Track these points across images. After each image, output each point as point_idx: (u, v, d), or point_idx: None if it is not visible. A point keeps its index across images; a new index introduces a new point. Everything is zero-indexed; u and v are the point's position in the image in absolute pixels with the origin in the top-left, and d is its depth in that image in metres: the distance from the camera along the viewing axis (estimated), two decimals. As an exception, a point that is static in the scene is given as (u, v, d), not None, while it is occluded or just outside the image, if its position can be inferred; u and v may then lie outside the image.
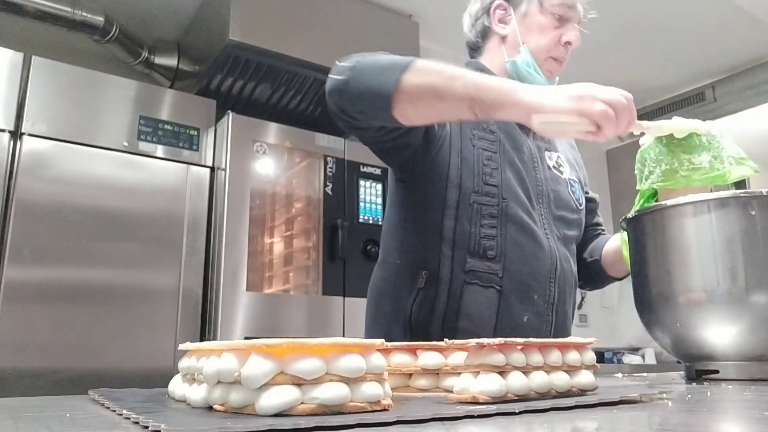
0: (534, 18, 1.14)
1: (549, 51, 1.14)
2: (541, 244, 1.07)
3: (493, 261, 1.03)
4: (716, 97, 3.88)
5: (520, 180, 1.08)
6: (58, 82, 2.17)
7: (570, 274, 1.13)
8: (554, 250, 1.09)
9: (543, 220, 1.10)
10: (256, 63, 2.57)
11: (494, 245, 1.03)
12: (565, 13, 1.14)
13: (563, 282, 1.10)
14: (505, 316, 1.02)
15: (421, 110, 0.89)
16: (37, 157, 2.06)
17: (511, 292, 1.03)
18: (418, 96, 0.87)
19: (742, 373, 0.82)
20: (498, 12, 1.19)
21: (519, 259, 1.04)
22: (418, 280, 1.04)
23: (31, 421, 0.47)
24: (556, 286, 1.08)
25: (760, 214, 0.82)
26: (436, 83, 0.86)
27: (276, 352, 0.44)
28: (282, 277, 2.59)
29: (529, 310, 1.04)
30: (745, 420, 0.47)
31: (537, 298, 1.05)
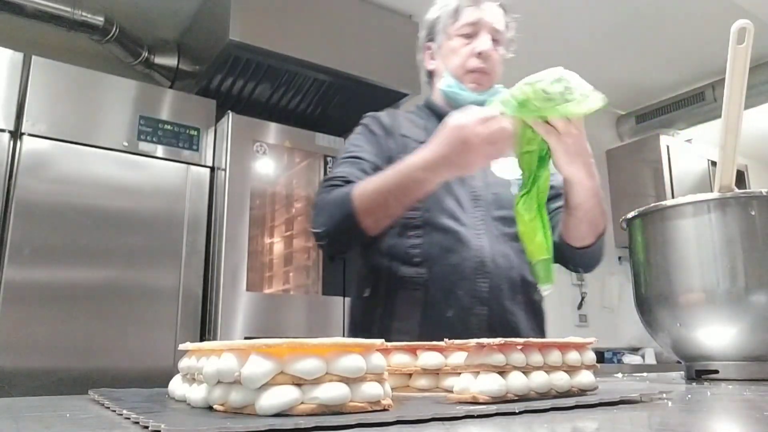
0: (446, 45, 1.28)
1: (465, 66, 1.25)
2: (467, 244, 1.16)
3: (419, 266, 1.16)
4: (716, 97, 3.88)
5: (448, 190, 1.19)
6: (58, 82, 2.17)
7: (510, 268, 1.18)
8: (484, 248, 1.16)
9: (477, 222, 1.19)
10: (256, 63, 2.57)
11: (419, 252, 1.16)
12: (470, 31, 1.25)
13: (497, 277, 1.16)
14: (429, 313, 1.13)
15: (385, 224, 1.10)
16: (37, 157, 2.06)
17: (436, 291, 1.14)
18: (377, 222, 1.08)
19: (742, 373, 0.82)
20: (427, 52, 1.36)
21: (442, 261, 1.15)
22: (364, 292, 1.21)
23: (31, 421, 0.47)
24: (485, 280, 1.15)
25: (760, 214, 0.82)
26: (380, 211, 1.06)
27: (276, 352, 0.44)
28: (282, 277, 2.59)
29: (453, 306, 1.13)
30: (745, 420, 0.47)
31: (462, 293, 1.13)
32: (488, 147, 0.94)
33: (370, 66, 2.76)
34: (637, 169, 4.21)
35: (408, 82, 2.86)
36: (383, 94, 2.86)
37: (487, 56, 1.23)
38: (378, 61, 2.79)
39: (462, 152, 0.95)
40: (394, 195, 1.04)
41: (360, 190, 1.08)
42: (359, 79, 2.73)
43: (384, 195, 1.05)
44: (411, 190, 1.03)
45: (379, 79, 2.78)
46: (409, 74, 2.90)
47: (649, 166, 4.16)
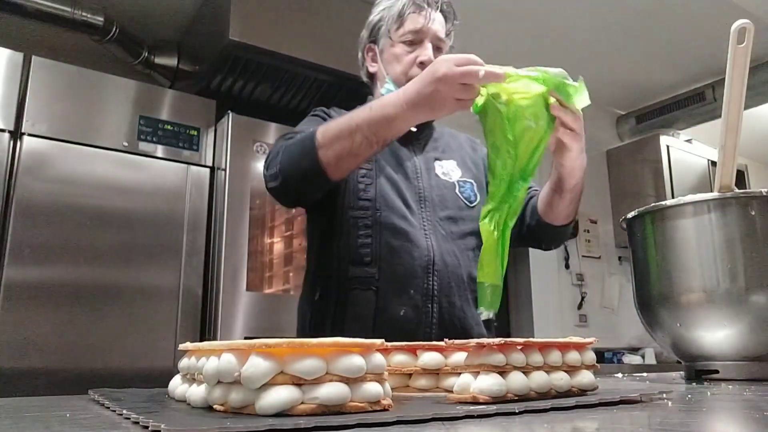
0: (389, 51, 1.27)
1: (407, 74, 1.23)
2: (417, 243, 1.17)
3: (369, 266, 1.15)
4: (716, 97, 3.88)
5: (397, 191, 1.20)
6: (58, 82, 2.17)
7: (458, 266, 1.20)
8: (432, 247, 1.17)
9: (424, 222, 1.20)
10: (256, 63, 2.57)
11: (369, 252, 1.16)
12: (414, 38, 1.24)
13: (446, 275, 1.17)
14: (382, 313, 1.13)
15: (347, 167, 1.06)
16: (37, 157, 2.06)
17: (387, 290, 1.14)
18: (340, 161, 1.03)
19: (742, 373, 0.82)
20: (369, 53, 1.35)
21: (393, 260, 1.15)
22: (315, 294, 1.20)
23: (31, 421, 0.47)
24: (434, 279, 1.16)
25: (760, 214, 0.82)
26: (345, 147, 1.02)
27: (276, 352, 0.44)
28: (282, 277, 2.59)
29: (405, 304, 1.13)
30: (745, 420, 0.47)
31: (413, 292, 1.14)
32: (461, 88, 0.91)
33: (370, 66, 2.76)
34: (637, 169, 4.21)
35: (408, 82, 2.86)
36: (383, 94, 2.86)
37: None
38: (378, 61, 2.79)
39: (435, 89, 0.93)
40: (362, 131, 1.00)
41: (324, 126, 1.05)
42: (359, 79, 2.73)
43: (351, 131, 1.01)
44: (380, 127, 1.00)
45: (379, 79, 2.77)
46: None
47: (649, 166, 4.16)
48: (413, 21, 1.24)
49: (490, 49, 3.41)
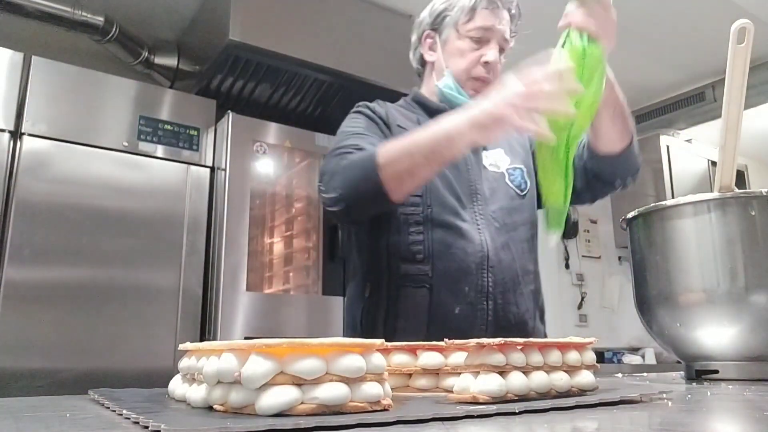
0: (453, 43, 1.24)
1: (469, 72, 1.22)
2: (471, 239, 1.14)
3: (422, 263, 1.13)
4: (716, 97, 3.87)
5: (448, 185, 1.18)
6: (58, 82, 2.17)
7: (512, 260, 1.18)
8: (486, 242, 1.15)
9: (476, 216, 1.17)
10: (256, 63, 2.57)
11: (422, 249, 1.14)
12: (483, 36, 1.21)
13: (500, 270, 1.15)
14: (436, 311, 1.11)
15: (408, 188, 1.04)
16: (37, 157, 2.06)
17: (441, 288, 1.12)
18: (401, 182, 1.02)
19: (742, 373, 0.82)
20: (428, 41, 1.30)
21: (446, 257, 1.13)
22: (365, 292, 1.18)
23: (31, 421, 0.46)
24: (489, 275, 1.14)
25: (760, 214, 0.82)
26: (405, 167, 1.00)
27: (276, 352, 0.44)
28: (282, 277, 2.59)
29: (460, 302, 1.11)
30: (745, 420, 0.47)
31: (468, 290, 1.12)
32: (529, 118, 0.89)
33: (370, 66, 2.76)
34: (637, 169, 4.20)
35: (408, 82, 2.86)
36: (383, 94, 2.85)
37: (493, 67, 1.22)
38: (378, 61, 2.79)
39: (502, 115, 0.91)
40: (424, 153, 0.98)
41: (385, 148, 1.02)
42: (359, 79, 2.73)
43: (412, 153, 0.99)
44: (443, 148, 0.98)
45: (379, 79, 2.78)
46: (409, 74, 2.90)
47: (649, 166, 4.15)
48: (484, 18, 1.21)
49: (490, 49, 3.41)
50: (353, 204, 1.06)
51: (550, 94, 0.88)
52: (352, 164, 1.05)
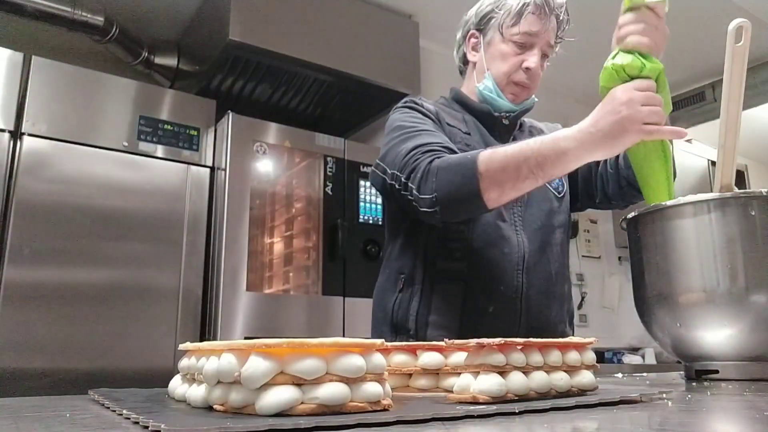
0: (497, 46, 1.22)
1: (510, 76, 1.21)
2: (509, 240, 1.15)
3: (459, 261, 1.14)
4: (716, 97, 3.88)
5: None
6: (58, 82, 2.17)
7: (547, 263, 1.18)
8: (523, 244, 1.16)
9: (515, 218, 1.18)
10: (256, 63, 2.57)
11: (460, 247, 1.14)
12: (527, 41, 1.20)
13: (535, 272, 1.16)
14: (470, 308, 1.12)
15: (506, 198, 1.01)
16: (37, 157, 2.06)
17: (477, 286, 1.12)
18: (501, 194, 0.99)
19: (742, 373, 0.82)
20: (472, 40, 1.29)
21: (485, 256, 1.13)
22: (398, 284, 1.18)
23: (31, 421, 0.46)
24: (524, 276, 1.14)
25: (760, 214, 0.82)
26: (509, 180, 0.97)
27: (276, 352, 0.44)
28: (282, 277, 2.59)
29: (494, 301, 1.12)
30: (745, 420, 0.47)
31: (503, 289, 1.12)
32: (648, 112, 0.88)
33: (370, 66, 2.76)
34: (637, 169, 4.20)
35: (408, 82, 2.86)
36: (383, 94, 2.86)
37: (535, 74, 1.21)
38: (378, 61, 2.79)
39: (619, 117, 0.89)
40: (529, 165, 0.95)
41: (487, 156, 0.99)
42: (359, 79, 2.73)
43: (518, 164, 0.96)
44: (550, 163, 0.95)
45: (379, 79, 2.78)
46: (409, 74, 2.90)
47: (649, 166, 4.14)
48: (530, 23, 1.19)
49: (490, 49, 3.41)
50: (449, 208, 1.03)
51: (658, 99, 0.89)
52: (451, 167, 1.02)
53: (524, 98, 1.25)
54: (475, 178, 0.98)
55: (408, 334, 1.14)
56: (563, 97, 4.10)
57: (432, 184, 1.02)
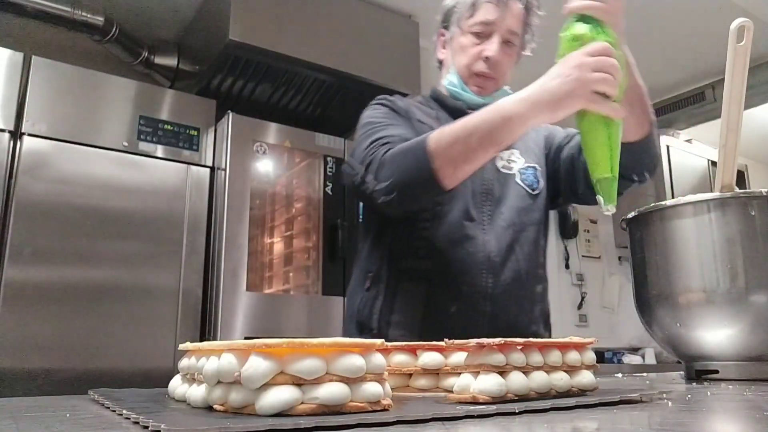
0: (457, 40, 1.22)
1: (470, 68, 1.19)
2: (475, 238, 1.12)
3: (423, 259, 1.11)
4: (716, 97, 3.88)
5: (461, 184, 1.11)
6: (58, 82, 2.17)
7: (516, 261, 1.14)
8: (490, 243, 1.13)
9: (483, 216, 1.15)
10: (256, 63, 2.57)
11: (424, 245, 1.12)
12: (484, 30, 1.17)
13: (503, 271, 1.12)
14: (432, 308, 1.10)
15: (462, 174, 1.00)
16: (37, 157, 2.06)
17: (440, 286, 1.10)
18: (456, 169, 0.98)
19: (742, 373, 0.82)
20: (441, 39, 1.29)
21: (448, 255, 1.10)
22: (365, 283, 1.17)
23: (31, 421, 0.46)
24: (491, 276, 1.11)
25: (759, 214, 0.82)
26: (460, 153, 0.96)
27: (276, 352, 0.44)
28: (282, 277, 2.59)
29: (459, 302, 1.09)
30: (745, 420, 0.47)
31: (467, 289, 1.10)
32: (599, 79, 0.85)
33: (370, 66, 2.76)
34: (637, 169, 4.20)
35: (408, 82, 2.86)
36: (383, 94, 2.85)
37: (495, 62, 1.18)
38: (378, 61, 2.79)
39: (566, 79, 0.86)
40: (479, 137, 0.94)
41: (436, 135, 0.98)
42: (359, 79, 2.73)
43: (466, 135, 0.95)
44: (501, 131, 0.93)
45: (379, 79, 2.78)
46: (409, 74, 2.90)
47: (649, 166, 4.15)
48: (486, 11, 1.17)
49: (490, 49, 3.41)
50: (406, 193, 1.02)
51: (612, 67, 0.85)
52: (402, 152, 1.01)
53: (491, 90, 1.21)
54: (426, 158, 0.97)
55: (371, 333, 1.13)
56: (563, 97, 4.09)
57: (387, 172, 1.01)
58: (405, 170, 1.00)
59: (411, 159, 0.99)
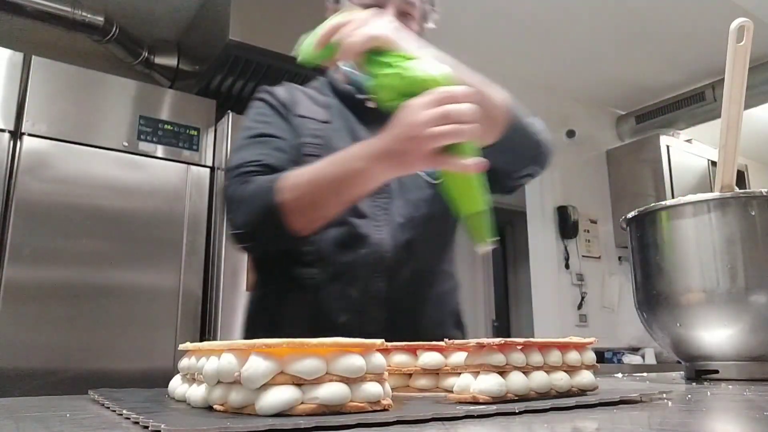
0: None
1: None
2: (366, 238, 1.00)
3: (311, 265, 1.00)
4: (716, 97, 3.88)
5: None
6: (58, 82, 2.17)
7: (417, 260, 1.03)
8: (384, 241, 1.00)
9: (377, 211, 1.02)
10: (256, 63, 2.57)
11: (312, 250, 1.00)
12: (374, 2, 1.05)
13: (399, 273, 1.01)
14: (320, 320, 0.99)
15: (317, 225, 0.93)
16: (37, 157, 2.06)
17: (327, 294, 0.99)
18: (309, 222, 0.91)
19: (742, 373, 0.82)
20: (330, 11, 1.16)
21: (336, 259, 1.00)
22: (255, 292, 1.10)
23: (31, 421, 0.46)
24: (383, 279, 1.00)
25: (760, 214, 0.82)
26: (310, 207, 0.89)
27: (276, 352, 0.44)
28: (282, 277, 2.59)
29: (346, 310, 0.99)
30: (745, 420, 0.47)
31: (357, 296, 0.99)
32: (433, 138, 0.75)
33: (370, 66, 2.76)
34: (637, 169, 4.21)
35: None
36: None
37: None
38: (378, 61, 2.79)
39: (403, 148, 0.78)
40: (329, 189, 0.87)
41: (288, 182, 0.90)
42: (359, 79, 2.73)
43: (317, 188, 0.88)
44: (350, 184, 0.86)
45: (379, 79, 2.77)
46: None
47: (649, 166, 4.16)
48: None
49: (490, 48, 3.42)
50: (261, 241, 0.97)
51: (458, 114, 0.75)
52: (255, 196, 0.93)
53: None
54: (278, 210, 0.89)
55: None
56: (563, 97, 4.10)
57: (240, 218, 0.95)
58: (256, 219, 0.93)
59: (261, 206, 0.92)
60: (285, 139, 1.03)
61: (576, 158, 4.21)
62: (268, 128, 1.05)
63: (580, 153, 4.25)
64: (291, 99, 1.12)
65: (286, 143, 1.03)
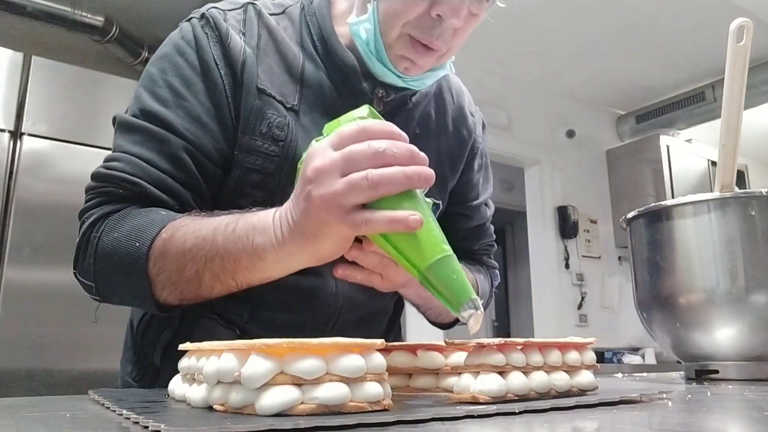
0: None
1: (406, 26, 0.71)
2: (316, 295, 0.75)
3: (240, 302, 0.73)
4: (716, 97, 3.88)
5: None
6: (58, 82, 2.17)
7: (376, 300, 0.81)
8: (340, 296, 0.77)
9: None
10: (256, 63, 2.57)
11: (243, 309, 0.76)
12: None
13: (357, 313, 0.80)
14: None
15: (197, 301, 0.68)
16: (37, 157, 2.06)
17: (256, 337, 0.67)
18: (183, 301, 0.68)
19: (742, 373, 0.82)
20: None
21: (276, 304, 0.75)
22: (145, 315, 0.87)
23: (31, 421, 0.46)
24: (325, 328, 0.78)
25: (760, 214, 0.82)
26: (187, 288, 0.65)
27: (276, 352, 0.44)
28: (282, 277, 2.59)
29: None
30: (745, 420, 0.47)
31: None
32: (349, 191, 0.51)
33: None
34: (637, 169, 4.21)
35: (408, 82, 2.86)
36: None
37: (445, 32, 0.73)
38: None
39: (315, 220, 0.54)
40: (214, 270, 0.62)
41: (161, 247, 0.64)
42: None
43: (196, 265, 0.62)
44: (243, 268, 0.61)
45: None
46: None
47: (649, 166, 4.16)
48: None
49: (491, 49, 3.42)
50: (115, 302, 0.76)
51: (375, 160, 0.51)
52: (114, 255, 0.67)
53: (424, 69, 0.78)
54: (145, 279, 0.65)
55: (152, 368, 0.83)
56: (563, 97, 4.10)
57: (90, 267, 0.71)
58: (115, 282, 0.71)
59: (123, 270, 0.67)
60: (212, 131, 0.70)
61: (576, 158, 4.21)
62: (179, 108, 0.70)
63: (580, 153, 4.25)
64: (243, 58, 0.71)
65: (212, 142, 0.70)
